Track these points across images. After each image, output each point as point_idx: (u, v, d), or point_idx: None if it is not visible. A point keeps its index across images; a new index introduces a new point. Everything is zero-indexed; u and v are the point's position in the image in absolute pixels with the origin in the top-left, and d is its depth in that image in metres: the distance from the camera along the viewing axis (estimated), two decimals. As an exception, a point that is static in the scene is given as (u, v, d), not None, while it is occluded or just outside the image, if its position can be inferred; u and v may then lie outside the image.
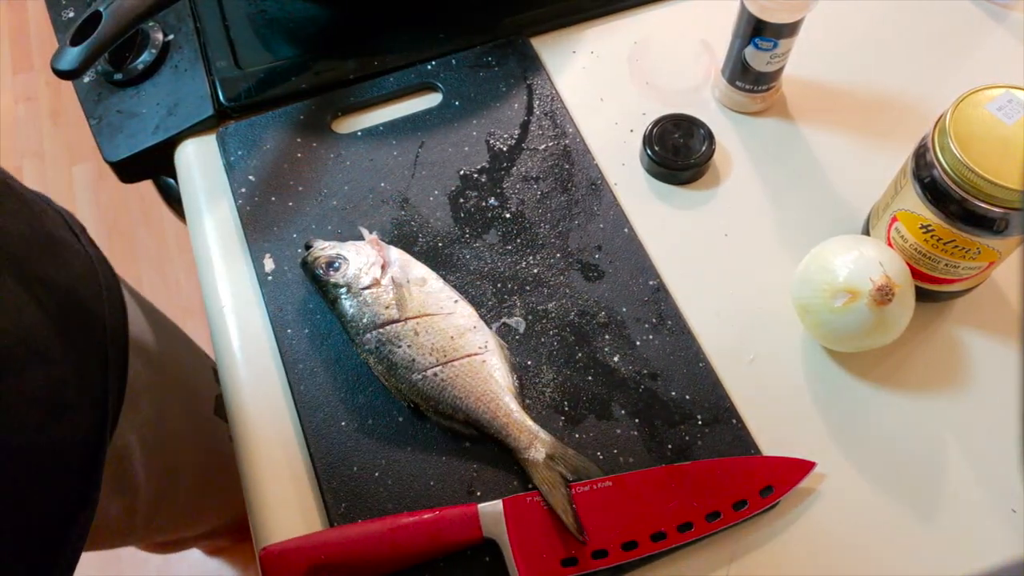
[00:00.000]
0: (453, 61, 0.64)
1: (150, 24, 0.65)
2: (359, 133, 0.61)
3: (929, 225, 0.48)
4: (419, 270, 0.53)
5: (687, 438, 0.49)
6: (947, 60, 0.64)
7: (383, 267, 0.52)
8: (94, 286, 0.57)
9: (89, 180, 1.64)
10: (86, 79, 0.65)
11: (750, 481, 0.47)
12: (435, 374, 0.49)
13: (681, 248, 0.56)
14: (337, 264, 0.51)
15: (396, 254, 0.53)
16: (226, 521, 0.98)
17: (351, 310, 0.50)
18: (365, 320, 0.50)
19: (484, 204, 0.57)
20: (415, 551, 0.45)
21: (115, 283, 0.61)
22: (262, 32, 0.66)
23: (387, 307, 0.50)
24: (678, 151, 0.58)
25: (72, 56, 0.49)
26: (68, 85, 0.63)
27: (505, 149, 0.60)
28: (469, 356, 0.49)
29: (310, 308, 0.53)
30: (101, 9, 0.50)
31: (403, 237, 0.56)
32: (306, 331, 0.53)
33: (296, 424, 0.50)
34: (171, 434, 0.71)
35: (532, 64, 0.64)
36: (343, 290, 0.51)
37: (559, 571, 0.44)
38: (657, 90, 0.63)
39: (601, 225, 0.57)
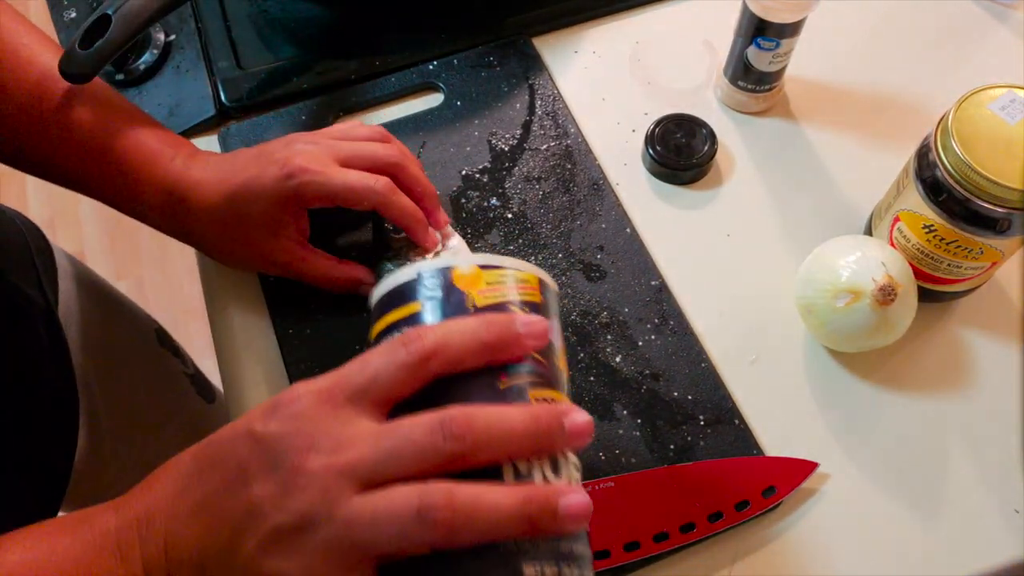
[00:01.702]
0: (455, 61, 0.64)
1: (152, 24, 0.65)
2: (361, 133, 0.61)
3: (932, 225, 0.48)
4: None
5: (689, 438, 0.49)
6: (950, 60, 0.64)
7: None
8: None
9: (91, 180, 1.64)
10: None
11: (752, 481, 0.47)
12: None
13: (683, 248, 0.56)
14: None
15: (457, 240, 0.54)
16: None
17: None
18: None
19: (486, 204, 0.57)
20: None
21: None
22: (264, 32, 0.66)
23: None
24: (680, 151, 0.58)
25: (82, 60, 0.49)
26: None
27: (507, 149, 0.60)
28: None
29: (312, 308, 0.53)
30: (110, 12, 0.50)
31: (405, 237, 0.56)
32: (308, 331, 0.53)
33: (298, 424, 0.50)
34: (122, 359, 0.73)
35: (534, 64, 0.64)
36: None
37: (561, 572, 0.44)
38: (659, 90, 0.63)
39: (603, 225, 0.56)
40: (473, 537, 0.30)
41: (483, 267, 0.36)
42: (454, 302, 0.35)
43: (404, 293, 0.36)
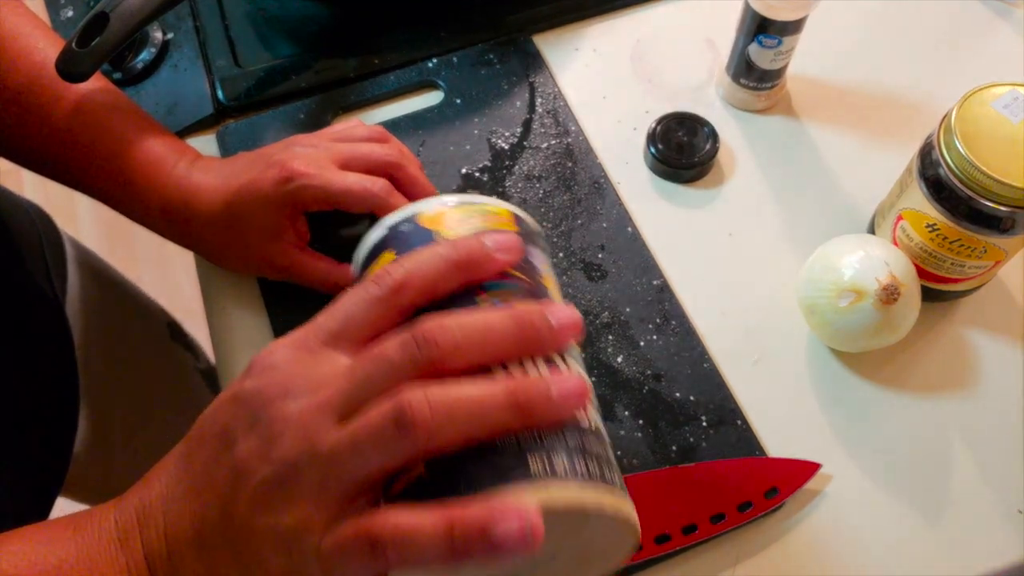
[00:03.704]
0: (454, 59, 0.64)
1: (149, 23, 0.65)
2: (360, 132, 0.60)
3: (935, 224, 0.48)
4: None
5: (691, 439, 0.48)
6: (953, 58, 0.64)
7: None
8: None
9: (89, 179, 1.64)
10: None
11: (755, 482, 0.46)
12: None
13: (685, 247, 0.56)
14: None
15: None
16: None
17: None
18: None
19: (486, 203, 0.57)
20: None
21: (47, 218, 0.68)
22: (262, 30, 0.66)
23: None
24: (682, 149, 0.58)
25: (79, 58, 0.49)
26: (67, 84, 0.63)
27: (507, 148, 0.60)
28: None
29: (310, 308, 0.53)
30: (107, 11, 0.50)
31: (405, 237, 0.56)
32: (307, 332, 0.52)
33: (297, 426, 0.50)
34: (132, 352, 0.73)
35: (534, 62, 0.64)
36: None
37: (563, 574, 0.44)
38: (660, 88, 0.63)
39: (604, 224, 0.56)
40: (458, 433, 0.28)
41: (450, 206, 0.35)
42: (424, 242, 0.34)
43: (378, 248, 0.35)
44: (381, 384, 0.29)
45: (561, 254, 0.55)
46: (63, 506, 0.61)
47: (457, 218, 0.35)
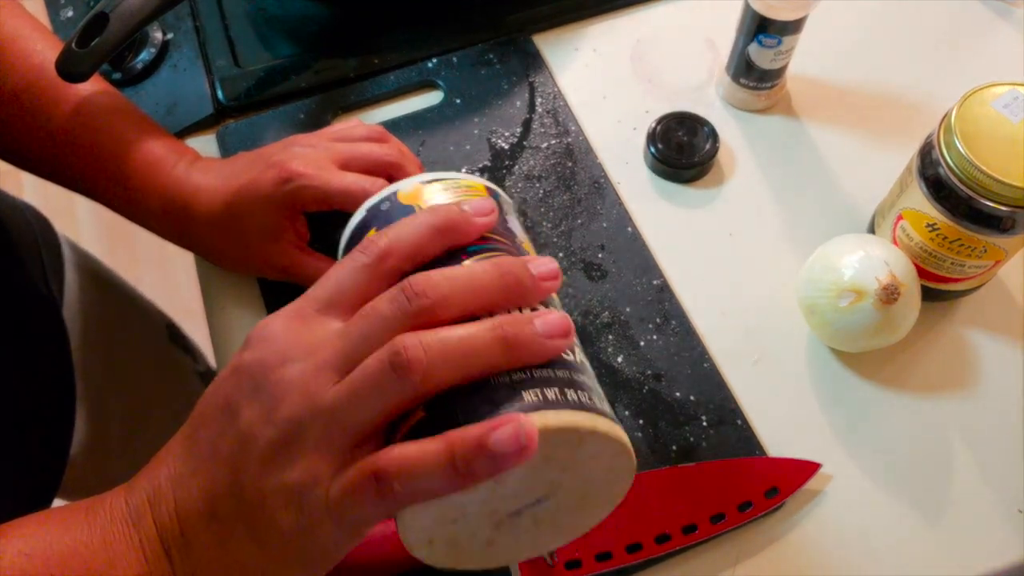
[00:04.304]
0: (454, 59, 0.64)
1: (149, 23, 0.65)
2: (360, 132, 0.60)
3: (935, 224, 0.48)
4: None
5: (692, 439, 0.48)
6: (953, 57, 0.64)
7: None
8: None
9: (89, 179, 1.63)
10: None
11: (755, 482, 0.46)
12: None
13: (685, 247, 0.56)
14: None
15: None
16: None
17: None
18: None
19: (486, 203, 0.57)
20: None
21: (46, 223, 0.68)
22: (261, 31, 0.66)
23: None
24: (682, 149, 0.58)
25: (79, 58, 0.49)
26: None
27: (507, 147, 0.60)
28: None
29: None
30: (107, 11, 0.50)
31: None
32: (307, 332, 0.52)
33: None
34: (130, 354, 0.73)
35: (534, 62, 0.64)
36: None
37: (563, 574, 0.44)
38: (660, 88, 0.63)
39: (604, 224, 0.56)
40: (452, 371, 0.29)
41: (426, 182, 0.37)
42: (404, 216, 0.35)
43: (361, 228, 0.37)
44: (375, 338, 0.30)
45: (561, 254, 0.55)
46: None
47: (434, 191, 0.36)
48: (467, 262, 0.33)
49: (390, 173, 0.50)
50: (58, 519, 0.34)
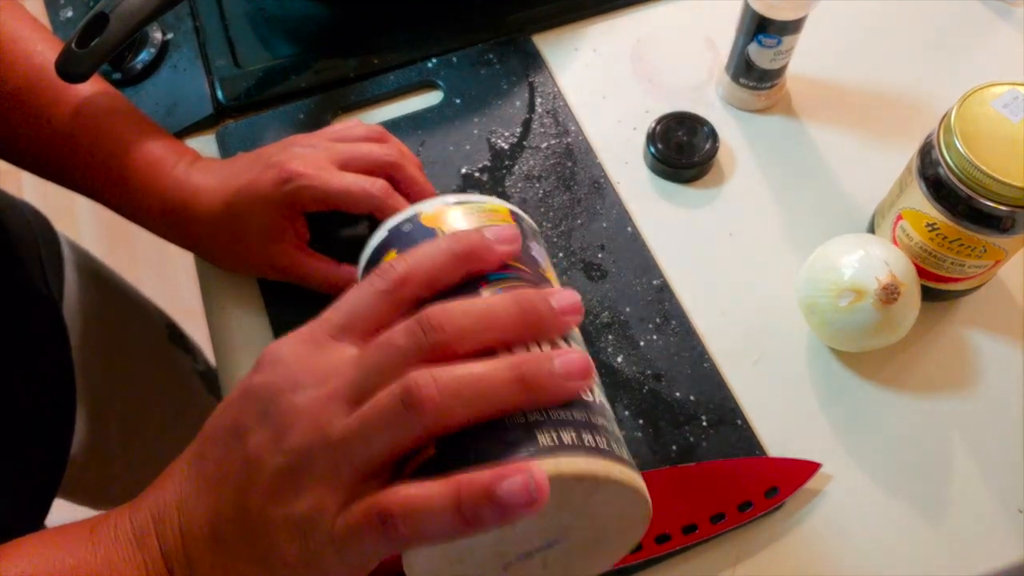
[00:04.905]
0: (454, 59, 0.64)
1: (149, 23, 0.65)
2: (360, 132, 0.60)
3: (935, 223, 0.48)
4: None
5: (692, 439, 0.48)
6: (953, 57, 0.64)
7: None
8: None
9: (89, 179, 1.63)
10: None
11: (755, 482, 0.46)
12: None
13: (685, 247, 0.56)
14: None
15: None
16: None
17: None
18: None
19: (486, 203, 0.57)
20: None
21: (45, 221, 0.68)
22: (261, 31, 0.66)
23: None
24: (682, 149, 0.58)
25: (79, 59, 0.49)
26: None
27: (507, 148, 0.60)
28: None
29: (310, 309, 0.53)
30: (107, 11, 0.50)
31: (404, 237, 0.56)
32: (307, 332, 0.52)
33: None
34: (130, 354, 0.73)
35: (534, 62, 0.64)
36: None
37: (563, 574, 0.44)
38: (660, 88, 0.63)
39: (604, 224, 0.56)
40: (465, 410, 0.28)
41: (449, 205, 0.36)
42: (426, 239, 0.34)
43: (381, 249, 0.36)
44: (389, 371, 0.29)
45: (561, 254, 0.55)
46: (60, 508, 0.62)
47: (457, 215, 0.35)
48: (486, 291, 0.32)
49: (390, 173, 0.50)
50: (60, 539, 0.33)
